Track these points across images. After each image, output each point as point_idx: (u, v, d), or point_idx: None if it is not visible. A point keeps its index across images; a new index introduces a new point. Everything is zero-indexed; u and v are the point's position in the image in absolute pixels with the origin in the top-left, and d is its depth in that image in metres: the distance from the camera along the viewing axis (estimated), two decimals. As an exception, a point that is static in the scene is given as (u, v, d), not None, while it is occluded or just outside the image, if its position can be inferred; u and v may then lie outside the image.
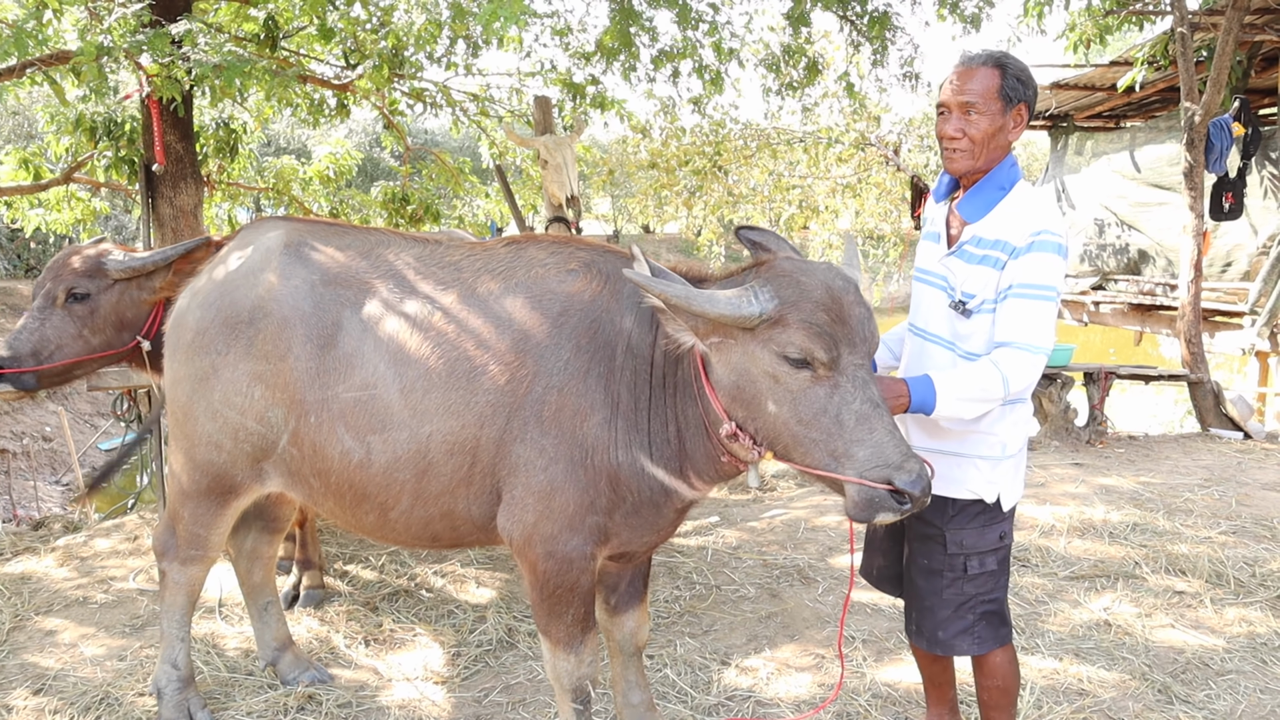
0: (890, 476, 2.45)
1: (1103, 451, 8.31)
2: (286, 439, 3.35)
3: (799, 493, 7.17)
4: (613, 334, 3.02)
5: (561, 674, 3.19)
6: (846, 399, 2.53)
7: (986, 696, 3.15)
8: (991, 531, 2.98)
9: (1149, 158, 13.10)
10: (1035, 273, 2.72)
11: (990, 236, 2.81)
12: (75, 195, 12.36)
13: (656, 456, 2.98)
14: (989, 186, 2.86)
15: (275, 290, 3.37)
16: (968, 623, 3.01)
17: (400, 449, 3.15)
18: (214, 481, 3.55)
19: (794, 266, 2.69)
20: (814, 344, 2.52)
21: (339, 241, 3.53)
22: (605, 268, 3.13)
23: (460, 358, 3.11)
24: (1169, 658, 4.31)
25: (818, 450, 2.56)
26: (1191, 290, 9.56)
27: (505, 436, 3.04)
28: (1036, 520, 6.13)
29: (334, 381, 3.22)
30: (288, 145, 24.17)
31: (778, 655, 4.36)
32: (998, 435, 2.92)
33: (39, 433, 17.11)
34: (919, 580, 3.06)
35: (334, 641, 4.57)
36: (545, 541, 3.04)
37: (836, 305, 2.58)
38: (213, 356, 3.42)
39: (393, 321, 3.23)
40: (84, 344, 4.49)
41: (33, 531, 7.19)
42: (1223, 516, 6.25)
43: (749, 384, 2.64)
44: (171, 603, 3.84)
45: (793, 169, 14.44)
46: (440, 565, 5.49)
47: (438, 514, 3.22)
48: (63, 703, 4.00)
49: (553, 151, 6.98)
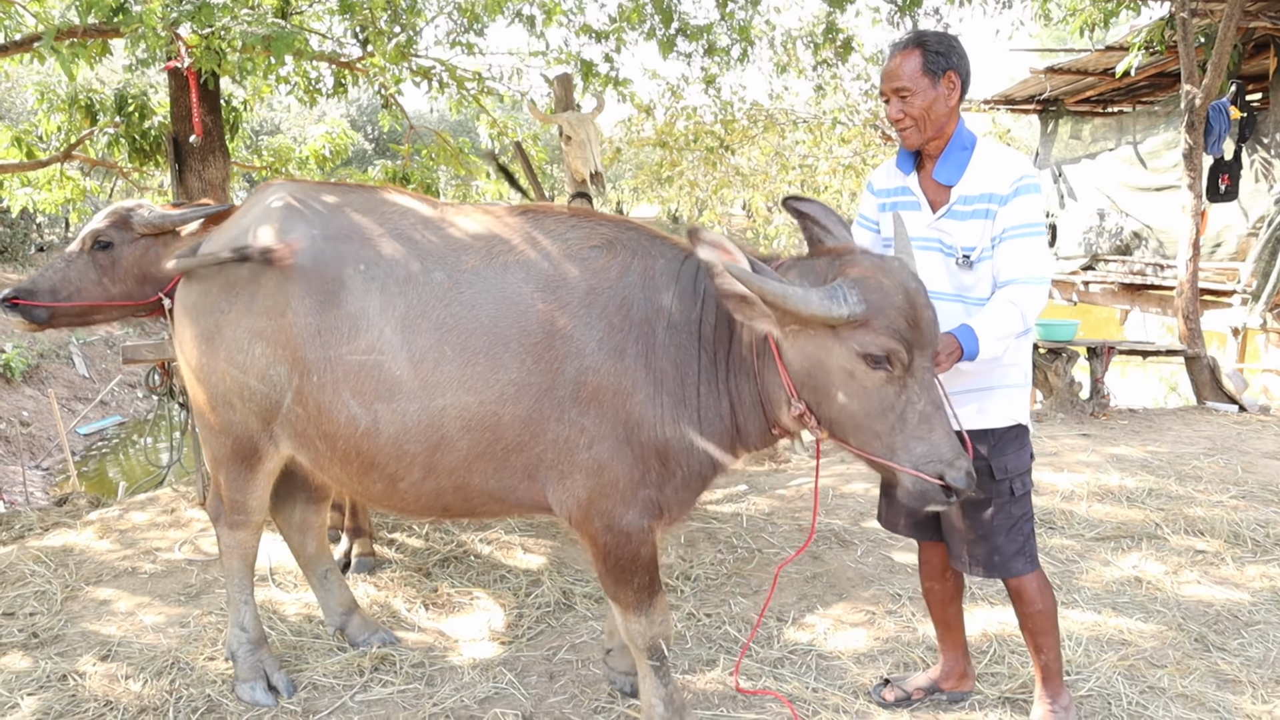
0: (943, 472, 2.67)
1: (1106, 424, 8.53)
2: (290, 398, 3.34)
3: (820, 463, 7.31)
4: (650, 312, 3.04)
5: (634, 635, 3.29)
6: (913, 399, 2.70)
7: (1032, 624, 3.35)
8: (1025, 452, 3.26)
9: (1145, 142, 13.38)
10: (1024, 213, 3.03)
11: (974, 193, 3.09)
12: (65, 174, 12.23)
13: (706, 430, 3.07)
14: (954, 150, 3.14)
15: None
16: (1019, 543, 3.25)
17: (410, 421, 3.12)
18: (235, 444, 3.57)
19: (875, 266, 2.79)
20: (895, 348, 2.66)
21: (343, 199, 3.51)
22: (630, 244, 3.15)
23: (478, 331, 3.07)
24: (1200, 610, 4.49)
25: (877, 442, 2.75)
26: (1190, 268, 9.82)
27: (535, 416, 3.05)
28: (1056, 486, 6.32)
29: (337, 341, 3.19)
30: (288, 129, 23.97)
31: (830, 613, 4.51)
32: (1019, 364, 3.24)
33: (16, 418, 16.95)
34: (969, 514, 3.26)
35: (394, 606, 4.66)
36: (602, 516, 3.11)
37: (913, 310, 2.70)
38: (216, 315, 3.44)
39: (400, 285, 3.17)
40: (103, 291, 4.64)
41: (57, 508, 7.20)
42: (1231, 483, 6.47)
43: (822, 374, 2.77)
44: (228, 567, 3.92)
45: (794, 149, 14.60)
46: (485, 533, 5.59)
47: (450, 486, 3.24)
48: (133, 668, 4.06)
49: (576, 128, 7.03)
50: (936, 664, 3.77)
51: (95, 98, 10.61)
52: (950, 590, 3.60)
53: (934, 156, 3.19)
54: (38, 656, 4.19)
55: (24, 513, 6.89)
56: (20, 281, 4.71)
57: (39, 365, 18.41)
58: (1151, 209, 13.36)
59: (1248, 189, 11.57)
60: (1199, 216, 9.86)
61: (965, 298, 3.18)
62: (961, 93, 3.14)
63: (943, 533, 3.41)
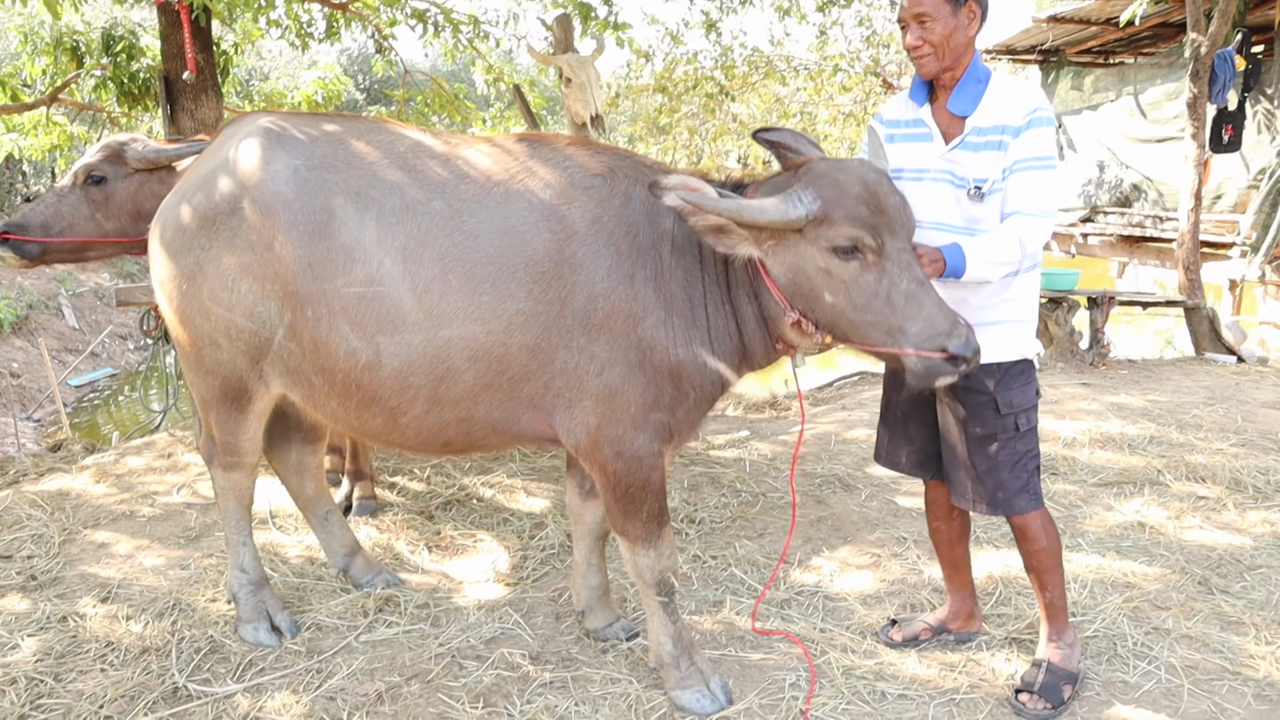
0: (944, 344, 2.71)
1: (1106, 373, 8.52)
2: (282, 334, 3.25)
3: (821, 409, 7.31)
4: (655, 237, 3.06)
5: (643, 569, 3.26)
6: (895, 281, 2.75)
7: (1035, 562, 3.34)
8: (1031, 388, 3.25)
9: (1147, 93, 13.24)
10: (1035, 146, 3.00)
11: (987, 124, 3.06)
12: (51, 120, 12.00)
13: (717, 350, 3.10)
14: (970, 81, 3.10)
15: (255, 177, 3.23)
16: (1023, 480, 3.24)
17: (415, 353, 3.07)
18: (224, 385, 3.49)
19: (829, 166, 2.87)
20: (859, 233, 2.73)
21: (326, 128, 3.37)
22: (630, 171, 3.15)
23: (483, 261, 3.03)
24: (1202, 555, 4.50)
25: (875, 331, 2.79)
26: (1191, 219, 9.76)
27: (543, 344, 3.03)
28: (1058, 433, 6.31)
29: (332, 274, 3.10)
30: (278, 79, 23.57)
31: (836, 555, 4.50)
32: (1026, 299, 3.22)
33: (6, 369, 16.83)
34: (973, 449, 3.25)
35: (396, 548, 4.64)
36: (612, 443, 3.09)
37: (874, 197, 2.77)
38: (197, 253, 3.32)
39: (397, 215, 3.09)
40: (96, 227, 4.57)
41: (52, 453, 7.15)
42: (1231, 431, 6.47)
43: (805, 280, 2.85)
44: (225, 508, 3.87)
45: (794, 97, 14.43)
46: (487, 476, 5.56)
47: (454, 419, 3.20)
48: (134, 609, 4.03)
49: (576, 70, 6.89)
50: (943, 605, 3.77)
51: (81, 40, 10.36)
52: (957, 530, 3.59)
53: (948, 88, 3.15)
54: (37, 599, 4.16)
55: (18, 459, 6.83)
56: (11, 217, 4.61)
57: (28, 316, 18.25)
58: (1152, 161, 13.26)
59: (1250, 140, 11.47)
60: (1201, 167, 9.78)
61: (975, 230, 3.14)
62: (980, 24, 3.09)
63: (945, 470, 3.39)
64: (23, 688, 3.42)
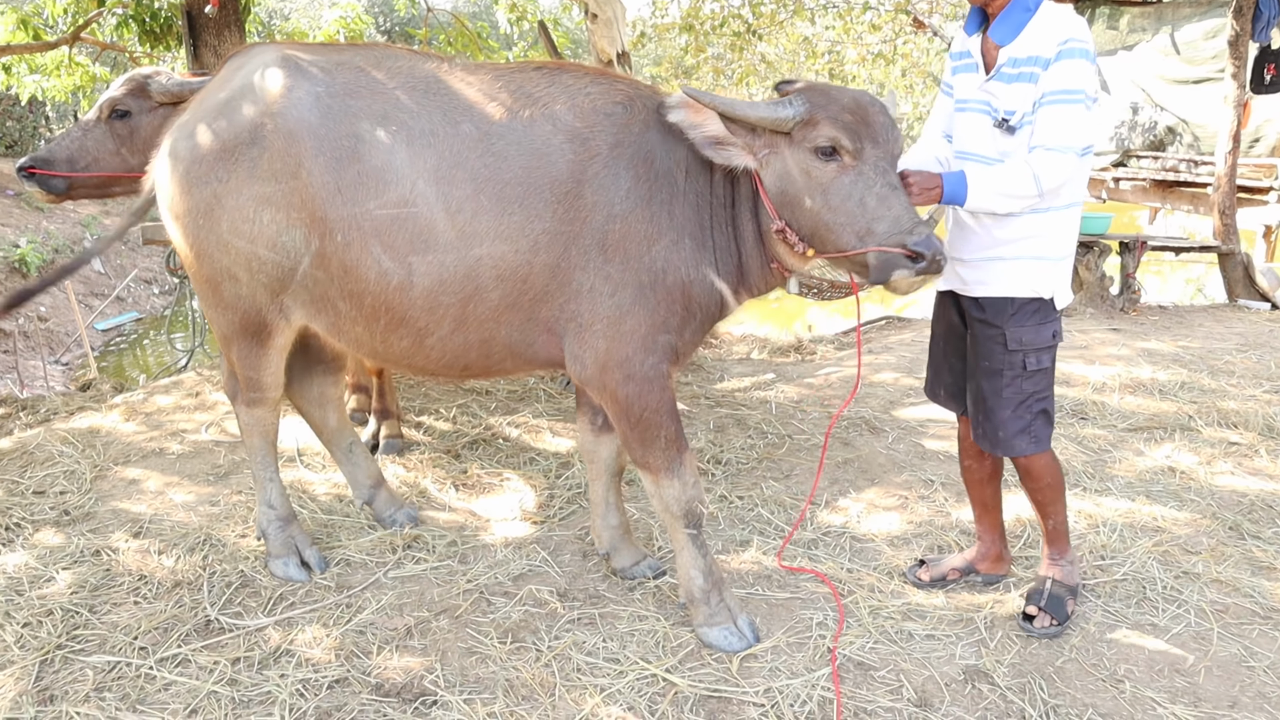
0: (903, 240, 2.79)
1: (1136, 319, 8.40)
2: (309, 262, 3.25)
3: (846, 354, 7.25)
4: (671, 163, 3.14)
5: (670, 501, 3.26)
6: (869, 183, 2.86)
7: (1039, 497, 3.37)
8: (1046, 329, 3.17)
9: (1185, 33, 12.83)
10: (1064, 78, 2.89)
11: (1023, 55, 2.96)
12: (74, 60, 11.94)
13: (722, 271, 3.22)
14: (1016, 10, 3.00)
15: (276, 105, 3.19)
16: (1025, 422, 3.21)
17: (447, 272, 3.11)
18: (243, 319, 3.48)
19: (827, 85, 3.07)
20: (839, 134, 2.86)
21: (343, 57, 3.35)
22: (648, 101, 3.22)
23: (512, 181, 3.08)
24: (1233, 500, 4.45)
25: (846, 233, 2.89)
26: (1229, 162, 9.52)
27: (563, 264, 3.10)
28: (1087, 378, 6.24)
29: (363, 198, 3.11)
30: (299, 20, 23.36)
31: (863, 497, 4.49)
32: (1046, 236, 3.10)
33: (34, 313, 16.98)
34: (983, 383, 3.24)
35: (423, 486, 4.66)
36: (622, 365, 3.13)
37: (861, 110, 2.92)
38: (213, 185, 3.28)
39: (428, 138, 3.11)
40: (121, 161, 4.56)
41: (81, 393, 7.22)
42: (1264, 378, 6.37)
43: (790, 184, 2.97)
44: (250, 444, 3.88)
45: (822, 36, 14.14)
46: (512, 416, 5.57)
47: (476, 341, 3.26)
48: (165, 544, 4.07)
49: (603, 5, 6.77)
50: (972, 546, 3.75)
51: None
52: (988, 469, 3.56)
53: (995, 17, 3.06)
54: (70, 533, 4.21)
55: (48, 398, 6.91)
56: (36, 151, 4.59)
57: (54, 260, 18.34)
58: (1188, 103, 12.89)
59: (1291, 82, 11.13)
60: (1241, 107, 9.51)
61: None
62: None
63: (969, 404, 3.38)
64: (59, 619, 3.47)
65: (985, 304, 3.21)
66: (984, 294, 3.20)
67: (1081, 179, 3.14)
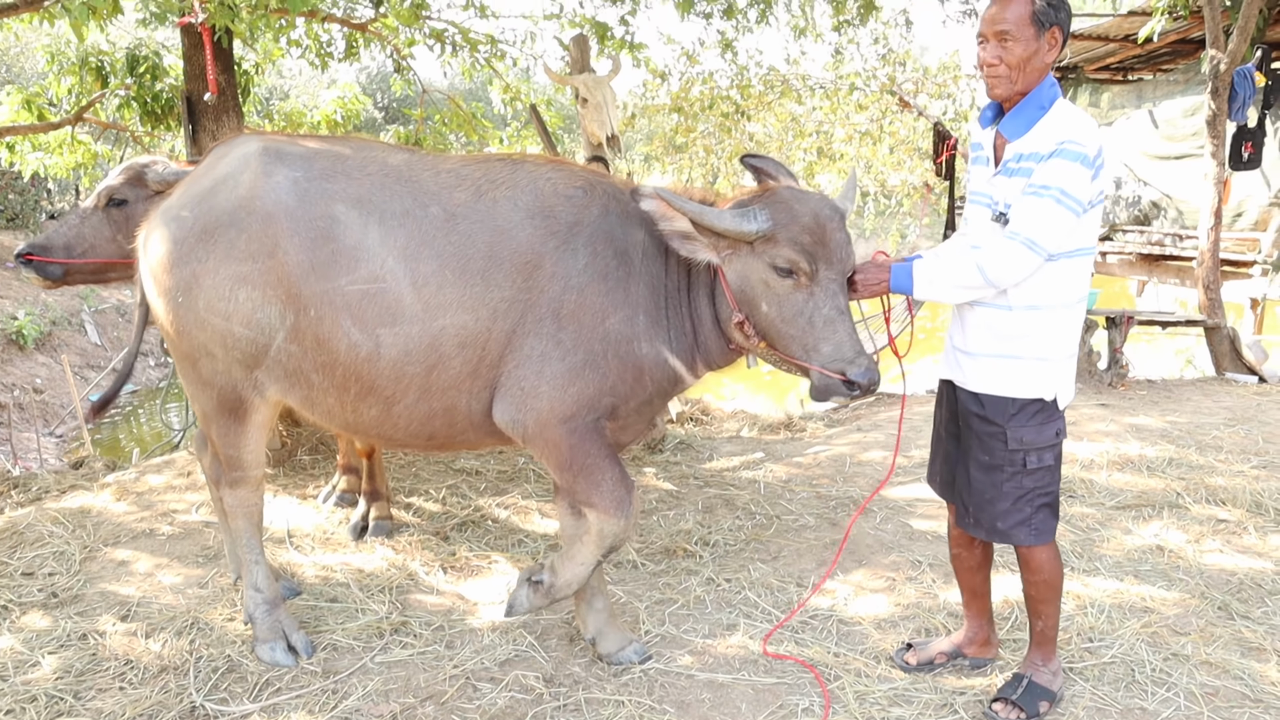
0: (844, 369, 3.06)
1: (1125, 394, 8.47)
2: (283, 336, 3.38)
3: (837, 431, 7.29)
4: (628, 244, 3.40)
5: (606, 535, 3.43)
6: (819, 305, 3.12)
7: (1034, 591, 3.34)
8: (1049, 428, 3.16)
9: (1165, 110, 13.16)
10: (1047, 174, 2.89)
11: (1027, 150, 2.98)
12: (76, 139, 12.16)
13: (676, 348, 3.45)
14: (1030, 106, 3.01)
15: (256, 189, 3.38)
16: (1025, 514, 3.20)
17: (412, 342, 3.29)
18: (221, 395, 3.57)
19: (791, 195, 3.25)
20: (797, 257, 3.10)
21: (321, 146, 3.58)
22: (607, 187, 3.50)
23: (476, 255, 3.30)
24: (1222, 579, 4.46)
25: (794, 344, 3.17)
26: (1211, 238, 9.68)
27: (518, 331, 3.30)
28: (1076, 455, 6.27)
29: (336, 274, 3.29)
30: (298, 96, 23.84)
31: (850, 579, 4.49)
32: (1038, 336, 3.08)
33: (30, 385, 17.00)
34: (978, 475, 3.24)
35: (411, 568, 4.65)
36: (565, 422, 3.32)
37: (820, 229, 3.13)
38: (193, 265, 3.42)
39: (399, 219, 3.33)
40: (117, 248, 4.66)
41: (73, 470, 7.22)
42: (1252, 453, 6.41)
43: (749, 287, 3.22)
44: (234, 528, 3.91)
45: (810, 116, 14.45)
46: (502, 498, 5.58)
47: (440, 409, 3.41)
48: (152, 627, 4.06)
49: (592, 90, 6.93)
50: (960, 629, 3.75)
51: (106, 60, 10.52)
52: (978, 557, 3.56)
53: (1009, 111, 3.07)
54: (57, 616, 4.19)
55: (40, 475, 6.90)
56: (34, 238, 4.69)
57: (51, 332, 18.45)
58: (1170, 178, 13.16)
59: (1271, 157, 11.37)
60: (1221, 184, 9.71)
61: None
62: (1059, 52, 3.01)
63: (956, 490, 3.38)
64: (43, 705, 3.45)
65: (985, 400, 3.18)
66: (983, 390, 3.18)
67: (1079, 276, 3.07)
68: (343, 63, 10.67)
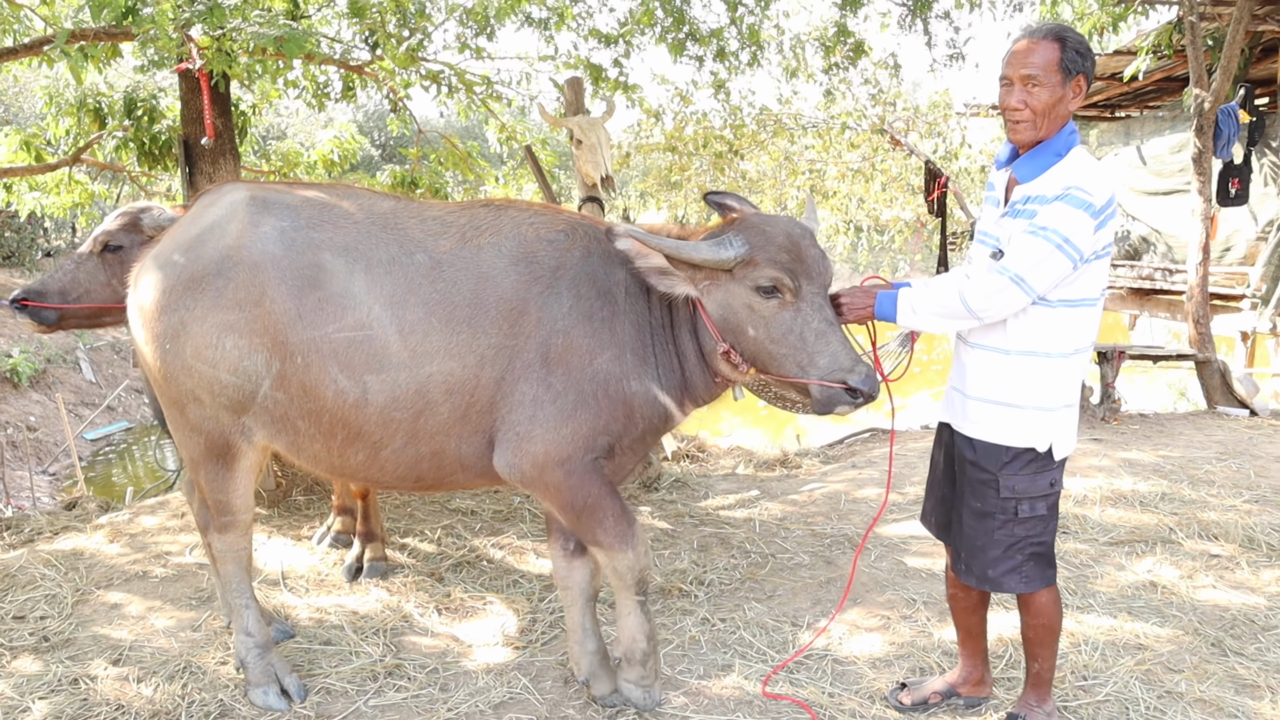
0: (844, 378, 3.08)
1: (1118, 428, 8.50)
2: (270, 384, 3.40)
3: (831, 468, 7.30)
4: (611, 284, 3.44)
5: (624, 572, 3.45)
6: (808, 319, 3.16)
7: (1032, 634, 3.34)
8: (1043, 478, 3.12)
9: (1152, 147, 13.35)
10: (1049, 217, 2.86)
11: (1035, 193, 2.95)
12: (73, 179, 12.23)
13: (664, 384, 3.48)
14: (1045, 152, 2.98)
15: (243, 239, 3.41)
16: (1016, 562, 3.19)
17: (399, 389, 3.31)
18: (208, 441, 3.58)
19: (760, 219, 3.34)
20: (779, 275, 3.15)
21: (307, 194, 3.62)
22: (588, 230, 3.55)
23: (461, 303, 3.34)
24: (1216, 615, 4.46)
25: (788, 363, 3.18)
26: (1200, 273, 9.78)
27: (507, 377, 3.32)
28: (1069, 491, 6.29)
29: (322, 322, 3.32)
30: (295, 135, 24.05)
31: (845, 618, 4.48)
32: (1049, 385, 3.02)
33: (23, 423, 16.96)
34: (970, 521, 3.23)
35: (406, 610, 4.64)
36: (562, 464, 3.33)
37: (795, 247, 3.21)
38: (180, 313, 3.44)
39: (385, 267, 3.37)
40: (112, 293, 4.67)
41: (66, 512, 7.20)
42: (1244, 487, 6.44)
43: (732, 315, 3.26)
44: (224, 572, 3.91)
45: (802, 154, 14.61)
46: (497, 538, 5.58)
47: (428, 453, 3.43)
48: (144, 671, 4.05)
49: (587, 131, 7.03)
50: (954, 668, 3.75)
51: (104, 101, 10.62)
52: (976, 599, 3.55)
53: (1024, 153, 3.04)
54: (49, 660, 4.18)
55: (33, 516, 6.88)
56: (29, 283, 4.72)
57: (46, 370, 18.44)
58: (1159, 213, 13.34)
59: (1257, 193, 11.53)
60: (1209, 220, 9.83)
61: None
62: (1081, 100, 3.00)
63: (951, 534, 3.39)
64: (33, 754, 3.43)
65: (979, 447, 3.15)
66: (977, 436, 3.15)
67: (1081, 327, 3.03)
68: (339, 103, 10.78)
